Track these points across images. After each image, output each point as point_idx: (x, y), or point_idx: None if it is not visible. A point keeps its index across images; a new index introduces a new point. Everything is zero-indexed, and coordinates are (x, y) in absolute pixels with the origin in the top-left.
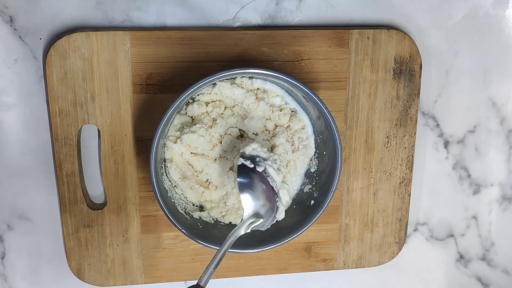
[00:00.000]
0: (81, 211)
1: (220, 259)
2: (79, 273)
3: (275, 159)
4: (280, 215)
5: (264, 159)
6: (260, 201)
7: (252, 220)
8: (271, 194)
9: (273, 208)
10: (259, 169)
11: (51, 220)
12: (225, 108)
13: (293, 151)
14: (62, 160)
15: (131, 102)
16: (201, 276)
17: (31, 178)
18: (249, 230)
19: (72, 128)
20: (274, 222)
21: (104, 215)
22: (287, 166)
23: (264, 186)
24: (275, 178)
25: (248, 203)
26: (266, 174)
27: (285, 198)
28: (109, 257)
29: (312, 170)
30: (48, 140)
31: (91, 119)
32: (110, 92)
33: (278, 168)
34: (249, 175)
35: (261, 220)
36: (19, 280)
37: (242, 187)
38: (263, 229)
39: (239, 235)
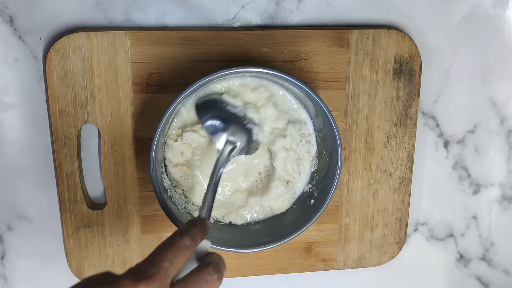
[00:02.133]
0: (81, 211)
1: (214, 190)
2: (79, 273)
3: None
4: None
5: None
6: (227, 130)
7: (230, 148)
8: (236, 119)
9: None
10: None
11: (51, 220)
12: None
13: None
14: (62, 160)
15: (131, 102)
16: (200, 210)
17: (31, 178)
18: (231, 159)
19: (72, 128)
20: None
21: (104, 215)
22: (298, 162)
23: (226, 115)
24: (234, 103)
25: (216, 133)
26: (224, 104)
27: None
28: (109, 257)
29: (313, 169)
30: (48, 140)
31: (91, 119)
32: (110, 92)
33: (234, 95)
34: (209, 109)
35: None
36: (19, 280)
37: (205, 121)
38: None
39: (223, 166)
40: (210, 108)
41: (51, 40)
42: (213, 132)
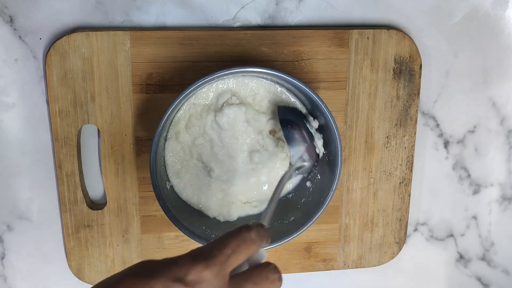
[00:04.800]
0: (81, 211)
1: (277, 200)
2: (79, 273)
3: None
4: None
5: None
6: (303, 146)
7: (299, 165)
8: (309, 139)
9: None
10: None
11: (51, 220)
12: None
13: None
14: (62, 160)
15: (131, 102)
16: (261, 217)
17: (31, 178)
18: (297, 174)
19: (72, 128)
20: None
21: (104, 215)
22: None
23: (302, 132)
24: (311, 122)
25: (294, 148)
26: (305, 121)
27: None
28: (109, 257)
29: (313, 169)
30: (48, 140)
31: (91, 119)
32: (110, 92)
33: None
34: (290, 122)
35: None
36: (19, 280)
37: (287, 134)
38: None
39: (291, 177)
40: (292, 116)
41: (51, 40)
42: (291, 142)
